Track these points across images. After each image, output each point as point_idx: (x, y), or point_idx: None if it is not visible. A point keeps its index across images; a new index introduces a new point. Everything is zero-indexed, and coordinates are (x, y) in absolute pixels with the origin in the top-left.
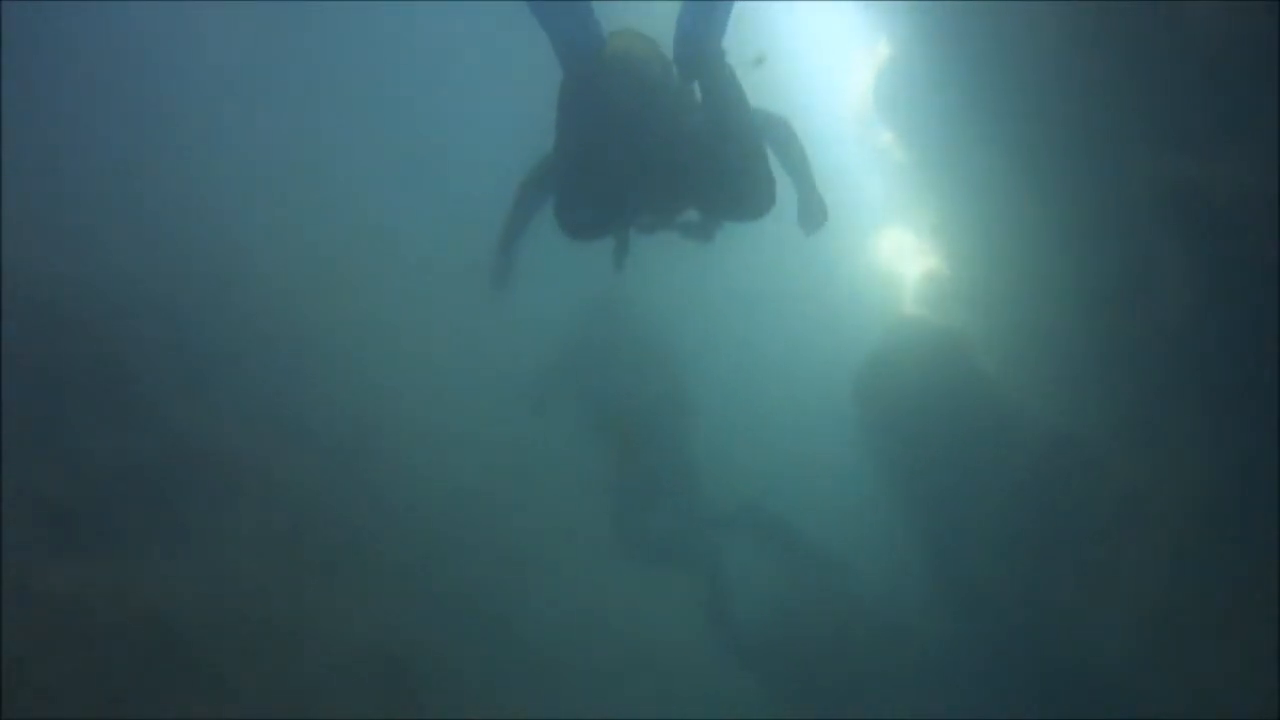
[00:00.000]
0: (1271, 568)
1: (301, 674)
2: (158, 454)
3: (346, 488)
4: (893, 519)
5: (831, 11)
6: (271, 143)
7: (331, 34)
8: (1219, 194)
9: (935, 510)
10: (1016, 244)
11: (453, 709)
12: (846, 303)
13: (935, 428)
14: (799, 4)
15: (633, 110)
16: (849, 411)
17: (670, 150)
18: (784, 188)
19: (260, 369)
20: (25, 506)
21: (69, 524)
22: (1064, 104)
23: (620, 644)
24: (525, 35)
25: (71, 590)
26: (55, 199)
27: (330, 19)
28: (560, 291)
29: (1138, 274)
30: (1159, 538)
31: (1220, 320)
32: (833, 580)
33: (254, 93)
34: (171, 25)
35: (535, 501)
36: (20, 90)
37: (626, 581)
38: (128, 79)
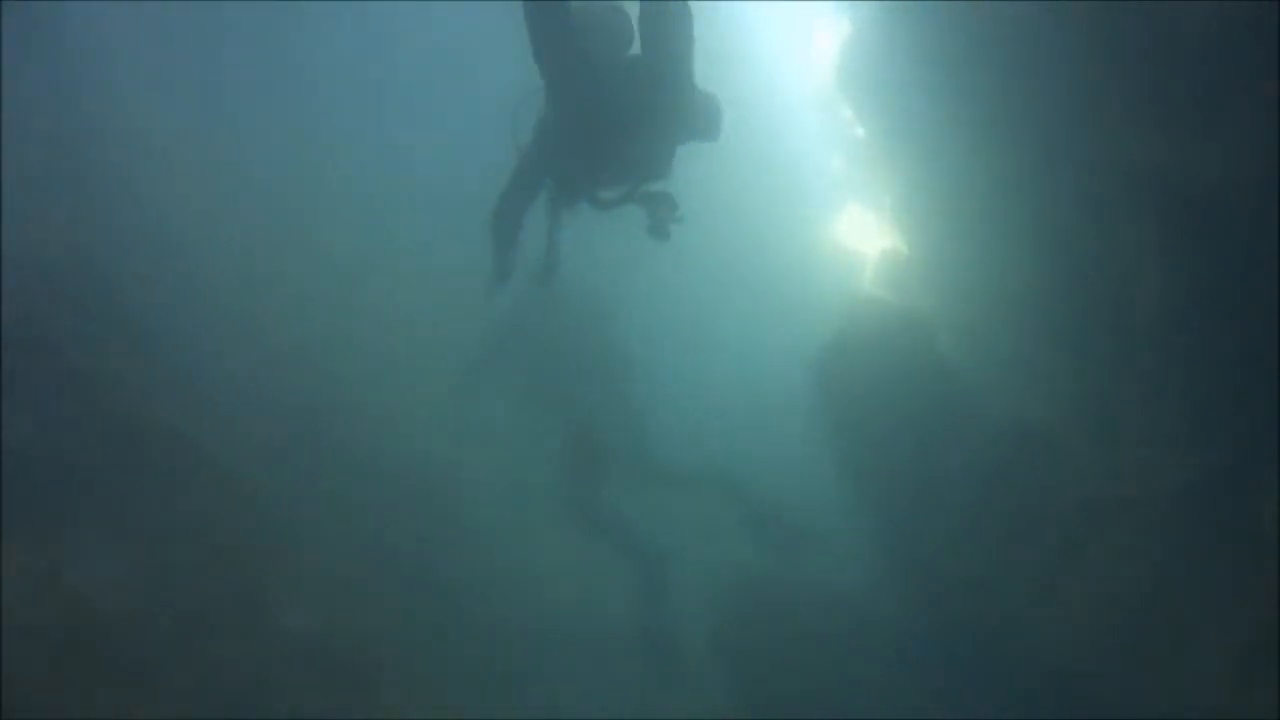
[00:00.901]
0: (1242, 566)
1: (243, 668)
2: (88, 431)
3: (293, 467)
4: (850, 506)
5: None
6: (222, 106)
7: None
8: (1196, 179)
9: (895, 498)
10: (981, 225)
11: (405, 703)
12: (803, 282)
13: (896, 414)
14: None
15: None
16: (806, 396)
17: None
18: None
19: (202, 338)
20: None
21: None
22: (1034, 82)
23: (586, 631)
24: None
25: None
26: None
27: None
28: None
29: (1110, 259)
30: (1124, 535)
31: (1195, 310)
32: (794, 551)
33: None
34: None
35: (494, 483)
36: None
37: (591, 564)
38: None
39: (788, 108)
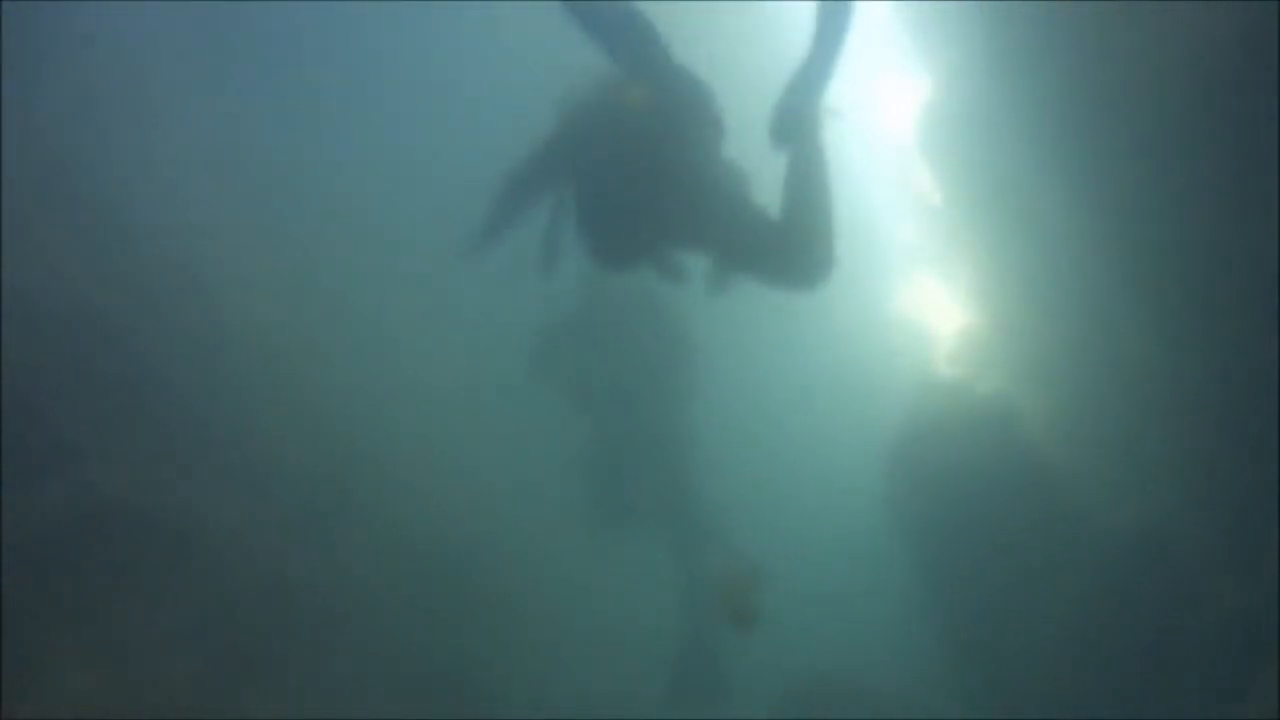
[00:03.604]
0: None
1: None
2: (66, 518)
3: (315, 566)
4: (918, 617)
5: (864, 42)
6: (234, 140)
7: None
8: None
9: (974, 613)
10: (1087, 303)
11: None
12: (867, 356)
13: (980, 515)
14: None
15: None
16: (873, 483)
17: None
18: None
19: (207, 402)
20: None
21: None
22: (1150, 140)
23: None
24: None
25: None
26: None
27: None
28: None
29: (1249, 343)
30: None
31: None
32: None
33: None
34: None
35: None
36: None
37: None
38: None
39: (857, 170)
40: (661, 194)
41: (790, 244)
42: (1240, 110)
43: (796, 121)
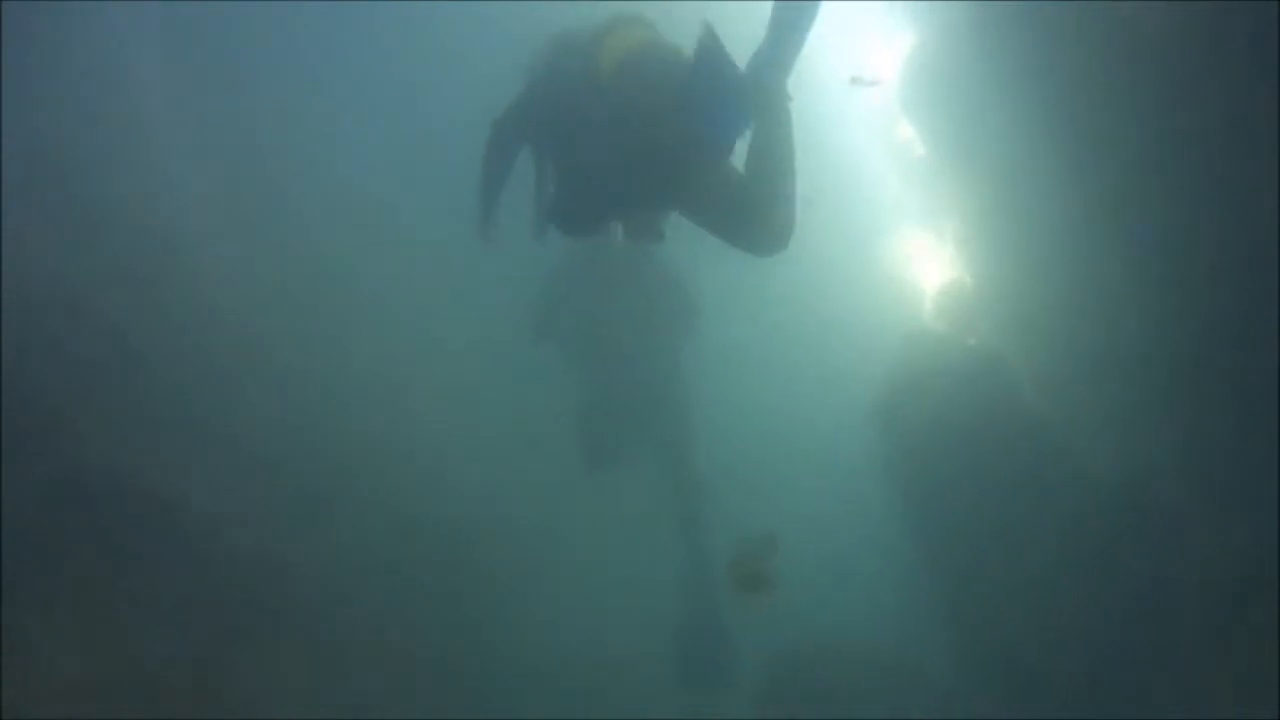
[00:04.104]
0: None
1: None
2: (51, 492)
3: (310, 539)
4: (912, 567)
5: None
6: (220, 114)
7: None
8: None
9: (964, 563)
10: (1068, 253)
11: None
12: (855, 311)
13: (967, 468)
14: None
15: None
16: (861, 437)
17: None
18: None
19: (200, 376)
20: None
21: None
22: (1134, 94)
23: None
24: None
25: None
26: None
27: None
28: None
29: (1226, 300)
30: (1267, 625)
31: None
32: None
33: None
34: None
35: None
36: None
37: None
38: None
39: (840, 122)
40: (626, 162)
41: (751, 213)
42: (1225, 71)
43: (760, 97)
